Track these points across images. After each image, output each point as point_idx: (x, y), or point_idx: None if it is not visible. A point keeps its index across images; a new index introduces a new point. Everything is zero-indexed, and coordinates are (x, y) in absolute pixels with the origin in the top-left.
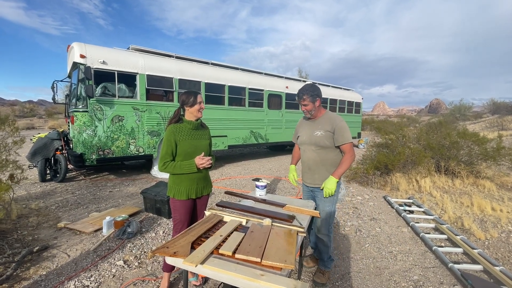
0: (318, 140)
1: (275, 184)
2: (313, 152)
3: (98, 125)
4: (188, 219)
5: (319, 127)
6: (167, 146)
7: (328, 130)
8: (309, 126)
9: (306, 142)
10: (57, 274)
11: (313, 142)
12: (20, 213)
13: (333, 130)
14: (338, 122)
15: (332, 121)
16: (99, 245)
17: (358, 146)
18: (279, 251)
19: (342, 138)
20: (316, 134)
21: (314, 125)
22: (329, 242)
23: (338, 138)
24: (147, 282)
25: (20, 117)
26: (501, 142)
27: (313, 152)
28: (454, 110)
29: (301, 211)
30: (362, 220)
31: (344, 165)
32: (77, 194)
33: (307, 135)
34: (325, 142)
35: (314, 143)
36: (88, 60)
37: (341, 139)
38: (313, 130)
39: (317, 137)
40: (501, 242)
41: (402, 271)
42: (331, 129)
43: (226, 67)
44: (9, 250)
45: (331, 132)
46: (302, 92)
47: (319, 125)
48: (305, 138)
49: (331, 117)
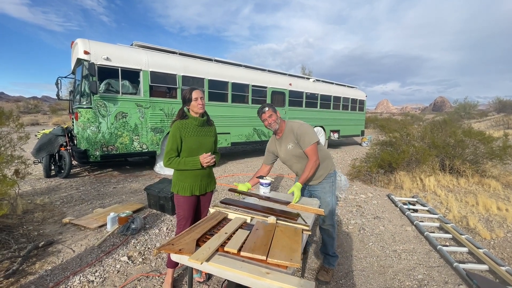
0: (293, 151)
1: (278, 182)
2: (297, 163)
3: (102, 121)
4: (191, 216)
5: (287, 140)
6: (172, 142)
7: (294, 141)
8: (280, 143)
9: (287, 158)
10: (62, 269)
11: (291, 154)
12: (25, 208)
13: (297, 139)
14: (296, 129)
15: (292, 130)
16: (104, 241)
17: (362, 144)
18: (285, 249)
19: (303, 143)
20: (289, 147)
21: (283, 141)
22: (334, 233)
23: (301, 145)
24: (151, 278)
25: (25, 113)
26: (507, 141)
27: (298, 163)
28: (459, 108)
29: (306, 209)
30: (366, 218)
31: (306, 171)
32: (82, 190)
33: (284, 152)
34: (299, 151)
35: (292, 155)
36: (92, 56)
37: (303, 145)
38: (285, 145)
39: (291, 149)
40: (507, 242)
41: (407, 270)
42: (295, 138)
43: (229, 64)
44: (15, 245)
45: (296, 141)
46: (263, 107)
47: (286, 139)
48: (284, 155)
49: (291, 127)
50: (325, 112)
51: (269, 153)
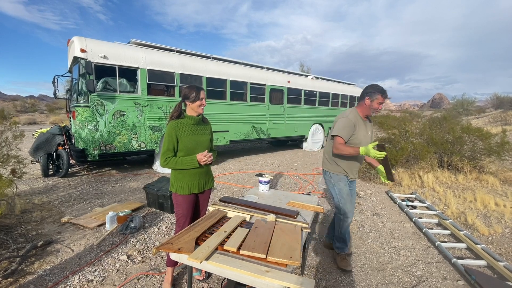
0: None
1: (277, 179)
2: None
3: (99, 120)
4: (190, 214)
5: (370, 127)
6: (168, 142)
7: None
8: (365, 127)
9: (363, 143)
10: (61, 269)
11: (368, 142)
12: (23, 208)
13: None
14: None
15: None
16: (103, 240)
17: None
18: (284, 247)
19: None
20: (369, 135)
21: (368, 126)
22: (339, 222)
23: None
24: (150, 276)
25: (22, 112)
26: (505, 137)
27: None
28: (457, 104)
29: (305, 206)
30: (365, 215)
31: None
32: (80, 189)
33: (364, 136)
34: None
35: (368, 143)
36: (89, 54)
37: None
38: (367, 131)
39: (369, 137)
40: (504, 238)
41: (405, 266)
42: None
43: (227, 62)
44: (13, 244)
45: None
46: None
47: (370, 126)
48: (363, 139)
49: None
50: (323, 110)
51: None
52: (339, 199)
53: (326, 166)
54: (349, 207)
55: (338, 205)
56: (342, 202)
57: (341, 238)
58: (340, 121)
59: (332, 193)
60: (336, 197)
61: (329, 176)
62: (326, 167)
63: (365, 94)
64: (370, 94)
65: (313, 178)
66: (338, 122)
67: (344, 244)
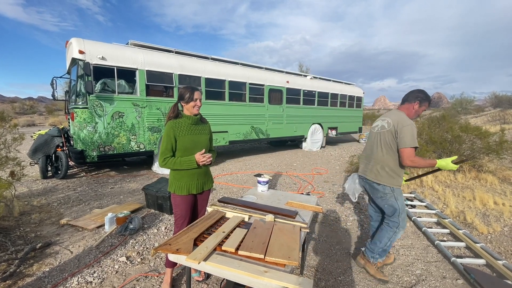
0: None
1: (276, 180)
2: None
3: (98, 121)
4: (189, 215)
5: None
6: (166, 142)
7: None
8: None
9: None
10: (60, 271)
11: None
12: (22, 210)
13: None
14: None
15: None
16: (102, 242)
17: (359, 141)
18: (283, 248)
19: None
20: None
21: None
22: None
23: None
24: (150, 278)
25: (21, 114)
26: (503, 136)
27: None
28: (456, 104)
29: (304, 206)
30: (364, 215)
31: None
32: (79, 191)
33: None
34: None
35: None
36: (87, 56)
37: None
38: None
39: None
40: (503, 236)
41: (405, 266)
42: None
43: (226, 62)
44: (12, 247)
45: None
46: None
47: None
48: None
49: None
50: (322, 110)
51: None
52: (400, 212)
53: (385, 181)
54: (405, 220)
55: (397, 219)
56: (402, 216)
57: (385, 251)
58: (409, 129)
59: (394, 207)
60: (397, 211)
61: (390, 190)
62: (385, 181)
63: (415, 98)
64: (421, 99)
65: (312, 178)
66: (407, 131)
67: (385, 253)
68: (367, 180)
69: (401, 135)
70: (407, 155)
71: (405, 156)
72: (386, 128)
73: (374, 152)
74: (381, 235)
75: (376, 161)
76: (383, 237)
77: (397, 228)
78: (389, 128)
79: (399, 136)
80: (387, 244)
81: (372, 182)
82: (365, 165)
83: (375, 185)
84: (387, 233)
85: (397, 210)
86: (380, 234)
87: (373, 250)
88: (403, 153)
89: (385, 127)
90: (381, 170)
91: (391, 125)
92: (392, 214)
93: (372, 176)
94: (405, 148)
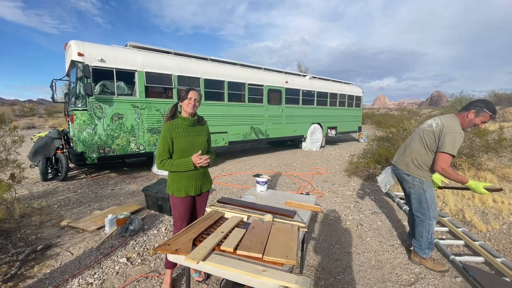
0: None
1: (276, 180)
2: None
3: (98, 123)
4: (188, 216)
5: None
6: (163, 144)
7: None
8: None
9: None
10: (61, 272)
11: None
12: (23, 212)
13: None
14: None
15: None
16: (102, 243)
17: (359, 140)
18: (281, 247)
19: None
20: None
21: None
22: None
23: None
24: (150, 278)
25: (20, 116)
26: (502, 134)
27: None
28: (455, 102)
29: (302, 206)
30: (364, 214)
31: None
32: (79, 193)
33: None
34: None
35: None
36: (86, 58)
37: None
38: None
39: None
40: (502, 234)
41: (404, 264)
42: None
43: (225, 63)
44: (13, 249)
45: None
46: None
47: None
48: None
49: None
50: (322, 109)
51: None
52: (429, 204)
53: (415, 172)
54: (436, 210)
55: (426, 210)
56: (433, 207)
57: (431, 243)
58: (453, 137)
59: (421, 199)
60: (426, 203)
61: (419, 181)
62: (415, 172)
63: (472, 107)
64: (477, 109)
65: (312, 177)
66: (450, 137)
67: (432, 245)
68: (398, 170)
69: (443, 139)
70: (441, 160)
71: (439, 161)
72: (433, 128)
73: (411, 143)
74: (419, 230)
75: (410, 152)
76: (421, 231)
77: (430, 220)
78: (436, 128)
79: (441, 139)
80: (428, 237)
81: (402, 173)
82: (399, 155)
83: (405, 176)
84: (423, 227)
85: (424, 201)
86: (418, 229)
87: (420, 246)
88: (439, 157)
89: (432, 126)
90: (411, 163)
91: (439, 127)
92: (419, 206)
93: (403, 167)
94: (443, 153)
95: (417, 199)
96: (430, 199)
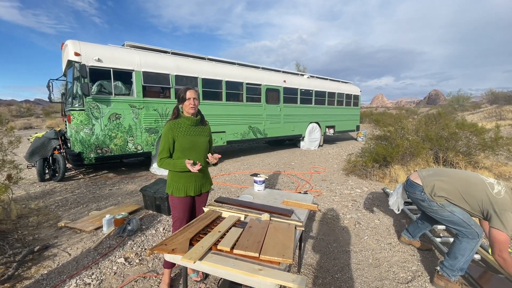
0: None
1: (274, 179)
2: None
3: (95, 123)
4: (187, 217)
5: None
6: (164, 142)
7: None
8: None
9: None
10: (58, 273)
11: None
12: (20, 213)
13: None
14: None
15: None
16: (100, 243)
17: (357, 139)
18: (277, 246)
19: None
20: None
21: None
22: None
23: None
24: (148, 278)
25: (17, 117)
26: (499, 132)
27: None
28: (453, 101)
29: (300, 205)
30: (361, 212)
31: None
32: (77, 193)
33: None
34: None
35: None
36: (83, 58)
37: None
38: None
39: None
40: None
41: (401, 262)
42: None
43: (223, 62)
44: (10, 250)
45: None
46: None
47: None
48: None
49: None
50: (320, 108)
51: None
52: (467, 221)
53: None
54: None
55: (469, 228)
56: (472, 223)
57: (467, 262)
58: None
59: (453, 220)
60: (463, 221)
61: (437, 205)
62: (437, 199)
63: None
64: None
65: (310, 177)
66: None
67: (466, 265)
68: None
69: (502, 217)
70: (499, 241)
71: (496, 242)
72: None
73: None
74: (463, 247)
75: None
76: (465, 249)
77: (478, 237)
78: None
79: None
80: (470, 255)
81: (416, 197)
82: (430, 175)
83: (420, 201)
84: (469, 245)
85: (461, 220)
86: (461, 245)
87: (454, 266)
88: (495, 236)
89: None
90: (437, 190)
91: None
92: (457, 225)
93: (427, 188)
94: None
95: (449, 221)
96: (463, 216)
